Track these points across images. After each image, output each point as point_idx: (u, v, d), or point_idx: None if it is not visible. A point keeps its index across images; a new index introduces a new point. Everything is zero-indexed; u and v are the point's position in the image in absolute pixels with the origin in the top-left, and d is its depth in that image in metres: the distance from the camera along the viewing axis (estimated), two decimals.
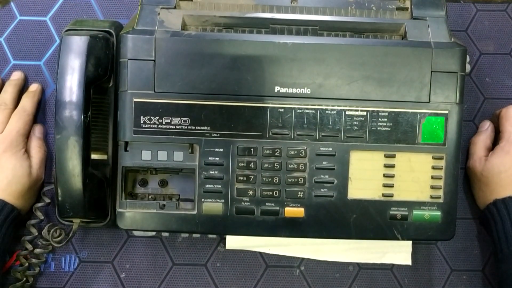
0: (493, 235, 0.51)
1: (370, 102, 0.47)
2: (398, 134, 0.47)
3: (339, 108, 0.47)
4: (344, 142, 0.47)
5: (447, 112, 0.47)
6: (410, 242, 0.54)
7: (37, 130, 0.54)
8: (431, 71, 0.47)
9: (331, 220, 0.47)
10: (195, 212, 0.47)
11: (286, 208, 0.47)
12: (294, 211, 0.47)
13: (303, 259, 0.55)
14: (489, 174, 0.51)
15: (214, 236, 0.54)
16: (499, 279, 0.51)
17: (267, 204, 0.47)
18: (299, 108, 0.47)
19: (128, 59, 0.46)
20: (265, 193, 0.47)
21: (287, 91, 0.46)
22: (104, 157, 0.50)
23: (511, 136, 0.51)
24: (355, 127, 0.47)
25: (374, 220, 0.47)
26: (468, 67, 0.56)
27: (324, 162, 0.47)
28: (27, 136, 0.53)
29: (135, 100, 0.46)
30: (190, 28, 0.49)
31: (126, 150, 0.47)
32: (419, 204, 0.47)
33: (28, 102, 0.53)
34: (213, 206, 0.47)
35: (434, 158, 0.47)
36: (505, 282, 0.49)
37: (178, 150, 0.47)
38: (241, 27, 0.49)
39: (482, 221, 0.55)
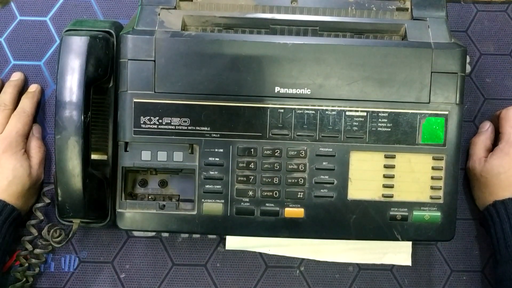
0: (492, 237, 0.51)
1: (370, 103, 0.47)
2: (398, 134, 0.47)
3: (339, 108, 0.47)
4: (344, 142, 0.47)
5: (447, 112, 0.47)
6: (410, 243, 0.54)
7: (36, 130, 0.54)
8: (431, 72, 0.46)
9: (331, 220, 0.47)
10: (195, 212, 0.47)
11: (286, 209, 0.47)
12: (294, 211, 0.47)
13: (303, 259, 0.55)
14: (488, 175, 0.51)
15: (214, 236, 0.54)
16: (497, 280, 0.51)
17: (267, 204, 0.47)
18: (299, 109, 0.47)
19: (128, 59, 0.46)
20: (265, 193, 0.47)
21: (287, 92, 0.46)
22: (104, 157, 0.50)
23: (510, 137, 0.51)
24: (355, 128, 0.47)
25: (374, 221, 0.47)
26: (468, 68, 0.56)
27: (324, 163, 0.47)
28: (27, 136, 0.53)
29: (135, 100, 0.46)
30: (190, 28, 0.49)
31: (126, 150, 0.47)
32: (419, 205, 0.47)
33: (27, 103, 0.53)
34: (213, 206, 0.47)
35: (434, 158, 0.47)
36: (503, 284, 0.49)
37: (178, 151, 0.47)
38: (241, 27, 0.49)
39: (481, 222, 0.55)
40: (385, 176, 0.47)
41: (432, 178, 0.47)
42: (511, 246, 0.49)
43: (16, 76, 0.55)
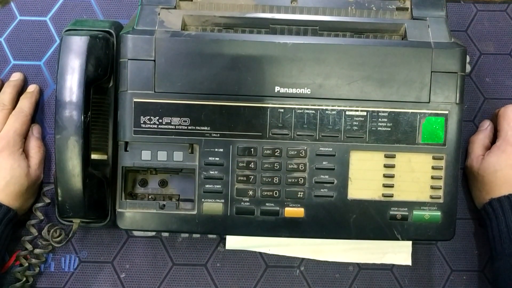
0: (488, 234, 0.52)
1: (370, 102, 0.47)
2: (398, 134, 0.47)
3: (339, 108, 0.47)
4: (344, 142, 0.47)
5: (447, 112, 0.47)
6: (410, 242, 0.54)
7: (35, 130, 0.54)
8: (431, 71, 0.47)
9: (331, 220, 0.47)
10: (195, 212, 0.47)
11: (286, 208, 0.47)
12: (294, 211, 0.47)
13: (303, 259, 0.55)
14: (485, 173, 0.51)
15: (214, 236, 0.54)
16: (493, 277, 0.51)
17: (267, 204, 0.47)
18: (299, 108, 0.47)
19: (128, 59, 0.46)
20: (265, 193, 0.47)
21: (287, 91, 0.46)
22: (104, 157, 0.50)
23: (507, 135, 0.52)
24: (355, 127, 0.47)
25: (374, 220, 0.47)
26: (468, 67, 0.56)
27: (324, 162, 0.47)
28: (25, 136, 0.53)
29: (135, 100, 0.46)
30: (190, 28, 0.49)
31: (126, 150, 0.47)
32: (419, 204, 0.47)
33: (26, 103, 0.53)
34: (213, 206, 0.47)
35: (434, 158, 0.47)
36: (498, 279, 0.50)
37: (178, 150, 0.47)
38: (241, 27, 0.49)
39: (480, 222, 0.55)
40: (385, 176, 0.47)
41: (432, 177, 0.47)
42: (506, 243, 0.49)
43: (16, 77, 0.55)
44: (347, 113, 0.47)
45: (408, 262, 0.54)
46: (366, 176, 0.47)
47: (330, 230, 0.47)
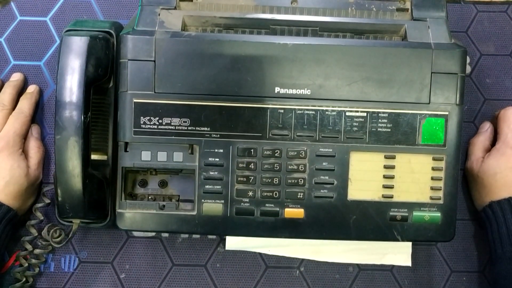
0: (488, 237, 0.51)
1: (370, 103, 0.47)
2: (398, 135, 0.47)
3: (339, 109, 0.47)
4: (344, 143, 0.47)
5: (447, 113, 0.47)
6: (410, 243, 0.54)
7: (35, 130, 0.54)
8: (431, 72, 0.46)
9: (331, 221, 0.47)
10: (195, 212, 0.47)
11: (286, 209, 0.47)
12: (294, 212, 0.47)
13: (303, 260, 0.55)
14: (484, 175, 0.51)
15: (214, 236, 0.54)
16: (493, 280, 0.51)
17: (267, 205, 0.47)
18: (299, 109, 0.47)
19: (128, 60, 0.46)
20: (265, 194, 0.47)
21: (287, 92, 0.46)
22: (104, 157, 0.50)
23: (507, 137, 0.51)
24: (355, 128, 0.47)
25: (374, 221, 0.47)
26: (468, 68, 0.56)
27: (324, 163, 0.47)
28: (25, 136, 0.53)
29: (135, 100, 0.46)
30: (190, 28, 0.49)
31: (126, 151, 0.47)
32: (419, 205, 0.47)
33: (25, 104, 0.53)
34: (213, 206, 0.47)
35: (434, 159, 0.47)
36: (498, 283, 0.50)
37: (178, 151, 0.47)
38: (241, 27, 0.49)
39: (480, 223, 0.55)
40: (385, 177, 0.47)
41: (432, 178, 0.47)
42: (506, 246, 0.49)
43: (16, 77, 0.55)
44: (347, 114, 0.47)
45: (408, 263, 0.54)
46: (366, 177, 0.47)
47: (330, 231, 0.47)
